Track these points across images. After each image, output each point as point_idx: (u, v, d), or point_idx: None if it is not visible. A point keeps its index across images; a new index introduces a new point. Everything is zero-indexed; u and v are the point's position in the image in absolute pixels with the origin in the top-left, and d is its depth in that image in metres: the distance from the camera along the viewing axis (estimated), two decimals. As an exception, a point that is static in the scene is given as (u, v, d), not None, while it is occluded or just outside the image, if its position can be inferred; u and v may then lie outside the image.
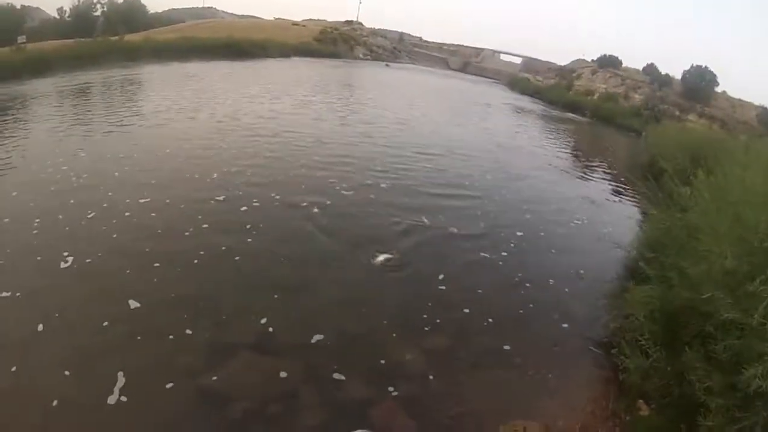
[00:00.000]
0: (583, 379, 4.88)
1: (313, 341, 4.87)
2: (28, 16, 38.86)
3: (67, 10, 40.61)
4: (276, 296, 5.52)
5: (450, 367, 4.83)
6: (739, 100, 36.40)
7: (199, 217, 7.14)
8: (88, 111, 13.60)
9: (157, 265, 5.79)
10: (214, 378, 4.21)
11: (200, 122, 13.32)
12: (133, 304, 5.04)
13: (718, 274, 3.81)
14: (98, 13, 39.91)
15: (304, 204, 8.13)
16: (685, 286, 4.37)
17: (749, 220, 3.97)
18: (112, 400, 3.82)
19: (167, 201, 7.59)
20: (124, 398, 3.84)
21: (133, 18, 41.93)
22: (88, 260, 5.71)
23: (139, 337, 4.58)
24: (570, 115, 28.95)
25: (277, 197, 8.33)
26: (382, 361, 4.71)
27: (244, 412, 3.91)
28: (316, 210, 7.96)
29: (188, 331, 4.73)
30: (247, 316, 5.13)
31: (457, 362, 4.91)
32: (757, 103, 36.76)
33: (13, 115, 12.56)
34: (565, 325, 5.78)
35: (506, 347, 5.21)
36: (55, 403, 3.73)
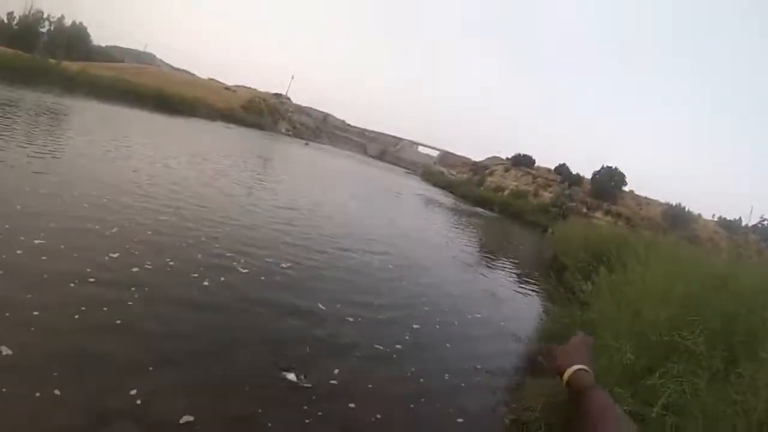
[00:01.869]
0: None
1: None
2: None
3: (17, 17, 39.67)
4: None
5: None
6: (646, 198, 39.92)
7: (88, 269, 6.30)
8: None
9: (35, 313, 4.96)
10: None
11: (118, 171, 12.33)
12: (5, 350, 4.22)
13: (618, 367, 3.62)
14: (44, 29, 39.83)
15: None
16: None
17: (648, 315, 3.91)
18: None
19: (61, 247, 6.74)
20: None
21: (75, 44, 41.82)
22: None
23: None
24: (479, 209, 30.40)
25: (171, 263, 7.50)
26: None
27: None
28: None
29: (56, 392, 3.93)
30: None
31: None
32: (663, 200, 40.82)
33: None
34: (460, 420, 5.25)
35: None
36: None
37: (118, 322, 5.42)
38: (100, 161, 13.36)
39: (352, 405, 5.17)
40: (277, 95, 62.16)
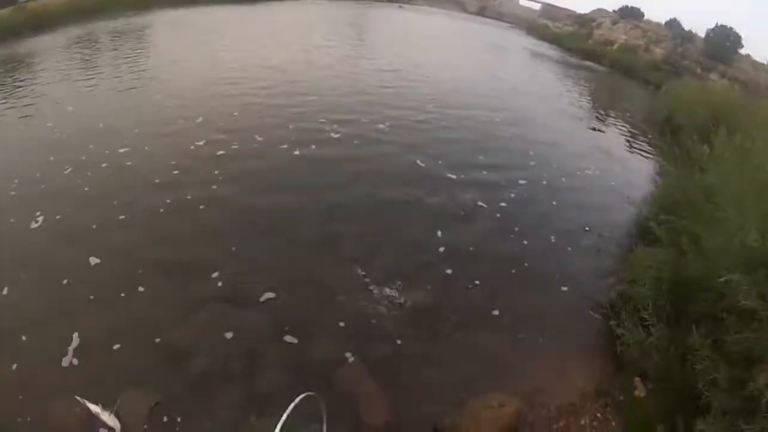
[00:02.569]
0: (576, 349, 4.48)
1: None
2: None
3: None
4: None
5: (429, 327, 4.51)
6: (763, 64, 33.47)
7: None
8: (85, 64, 12.64)
9: (122, 218, 5.59)
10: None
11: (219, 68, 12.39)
12: (93, 260, 4.88)
13: (737, 248, 3.33)
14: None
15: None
16: (698, 256, 3.91)
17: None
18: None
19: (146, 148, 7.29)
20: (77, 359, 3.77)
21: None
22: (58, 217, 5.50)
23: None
24: (588, 63, 27.11)
25: (259, 139, 7.94)
26: (353, 318, 4.47)
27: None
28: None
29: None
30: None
31: (437, 323, 4.59)
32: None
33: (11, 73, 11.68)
34: (564, 288, 5.33)
35: (495, 310, 4.84)
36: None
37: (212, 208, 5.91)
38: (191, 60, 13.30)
39: (449, 271, 5.37)
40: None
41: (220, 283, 4.74)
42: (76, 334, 3.95)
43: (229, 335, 4.13)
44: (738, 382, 2.72)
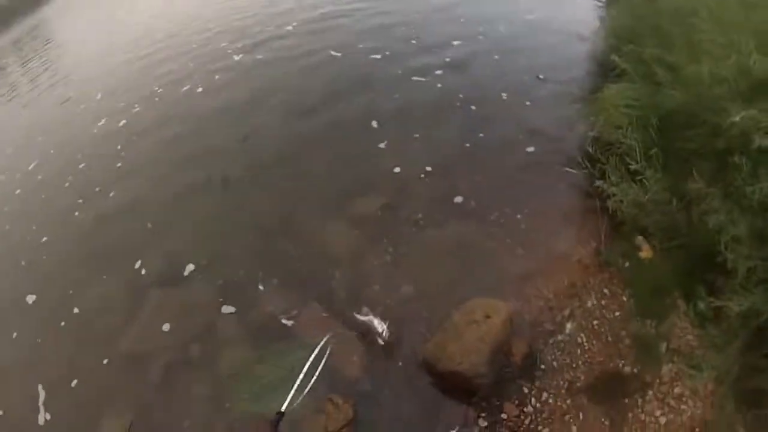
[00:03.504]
0: (563, 220, 3.95)
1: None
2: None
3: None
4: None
5: (387, 237, 4.06)
6: None
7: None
8: None
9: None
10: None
11: None
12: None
13: (733, 73, 2.92)
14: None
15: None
16: (680, 87, 3.43)
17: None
18: None
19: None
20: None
21: None
22: None
23: None
24: None
25: None
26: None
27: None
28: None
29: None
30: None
31: (395, 229, 4.14)
32: None
33: None
34: (530, 149, 4.79)
35: (457, 197, 4.32)
36: None
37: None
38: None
39: (396, 169, 4.78)
40: None
41: (144, 271, 4.32)
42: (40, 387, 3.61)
43: (172, 323, 3.80)
44: (759, 237, 2.37)
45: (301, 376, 2.28)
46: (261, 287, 3.90)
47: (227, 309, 3.80)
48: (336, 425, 2.95)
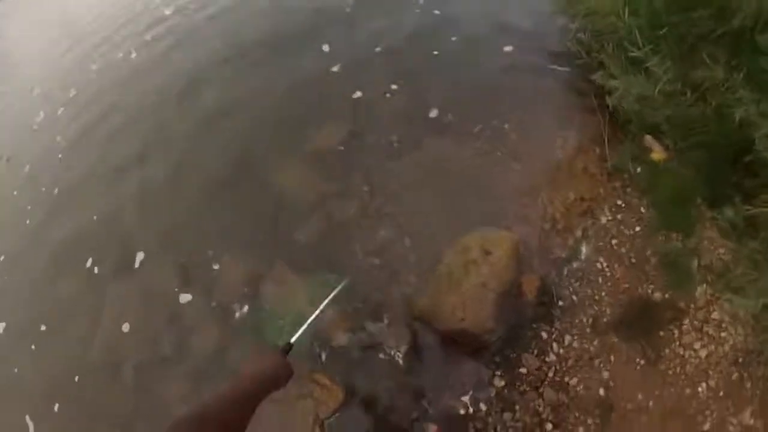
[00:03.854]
0: (556, 124, 3.31)
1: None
2: None
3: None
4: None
5: (360, 172, 3.46)
6: None
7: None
8: None
9: None
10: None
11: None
12: None
13: None
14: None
15: None
16: None
17: None
18: None
19: None
20: None
21: None
22: None
23: None
24: None
25: None
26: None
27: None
28: None
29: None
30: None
31: (364, 161, 3.54)
32: None
33: None
34: (508, 48, 4.03)
35: (432, 110, 3.66)
36: None
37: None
38: None
39: (357, 94, 4.07)
40: None
41: (96, 269, 3.76)
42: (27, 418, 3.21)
43: (132, 323, 3.33)
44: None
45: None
46: (215, 266, 3.34)
47: (185, 297, 3.28)
48: (327, 410, 2.45)
